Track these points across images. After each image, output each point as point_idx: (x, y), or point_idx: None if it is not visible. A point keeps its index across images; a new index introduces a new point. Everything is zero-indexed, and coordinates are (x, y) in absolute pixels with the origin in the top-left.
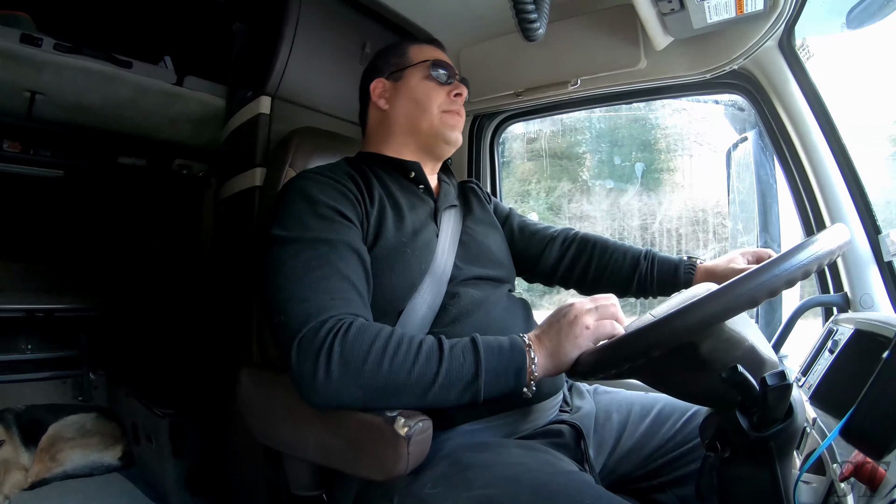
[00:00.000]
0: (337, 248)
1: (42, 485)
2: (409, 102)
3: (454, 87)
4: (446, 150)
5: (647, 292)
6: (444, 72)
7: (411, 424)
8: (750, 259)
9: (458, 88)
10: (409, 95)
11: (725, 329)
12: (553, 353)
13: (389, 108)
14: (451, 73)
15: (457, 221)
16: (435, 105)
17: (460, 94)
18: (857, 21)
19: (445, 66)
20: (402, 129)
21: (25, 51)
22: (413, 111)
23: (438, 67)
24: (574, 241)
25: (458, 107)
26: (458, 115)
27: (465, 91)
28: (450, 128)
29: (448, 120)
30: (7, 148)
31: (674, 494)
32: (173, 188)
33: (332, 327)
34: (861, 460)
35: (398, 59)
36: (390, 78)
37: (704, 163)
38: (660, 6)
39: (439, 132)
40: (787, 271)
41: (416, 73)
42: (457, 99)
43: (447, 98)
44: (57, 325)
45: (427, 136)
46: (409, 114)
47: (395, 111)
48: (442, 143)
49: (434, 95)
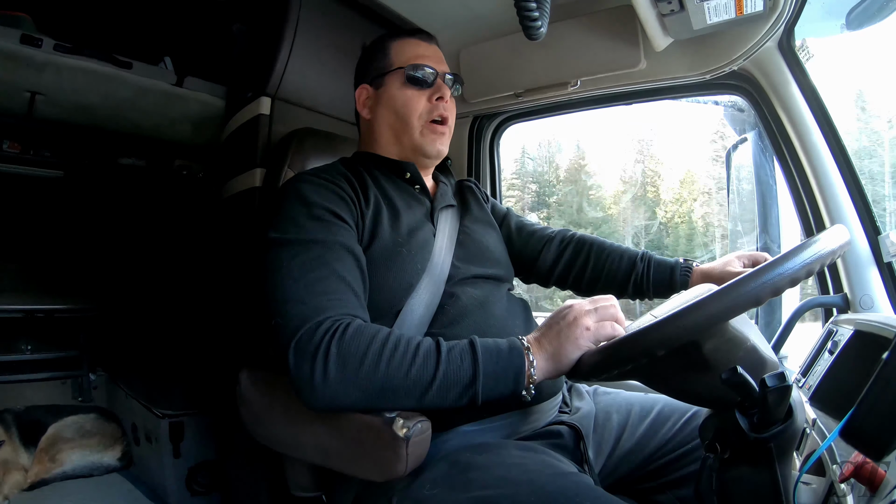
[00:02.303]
0: (333, 249)
1: (42, 485)
2: (389, 113)
3: (435, 90)
4: (430, 163)
5: (643, 294)
6: (429, 70)
7: (410, 426)
8: (746, 262)
9: (439, 91)
10: (390, 105)
11: (729, 328)
12: (553, 356)
13: (372, 118)
14: (432, 73)
15: (454, 221)
16: (415, 117)
17: (442, 97)
18: (857, 22)
19: (424, 66)
20: (385, 139)
21: (25, 51)
22: (394, 123)
23: (416, 70)
24: (571, 243)
25: (441, 111)
26: (442, 123)
27: (446, 92)
28: (430, 142)
29: (429, 134)
30: (7, 148)
31: (673, 495)
32: (173, 188)
33: (328, 328)
34: (861, 461)
35: (380, 61)
36: (373, 84)
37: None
38: (660, 7)
39: (419, 147)
40: (792, 270)
41: (394, 79)
42: (438, 103)
43: (428, 105)
44: (57, 325)
45: (410, 149)
46: (390, 125)
47: (378, 121)
48: (422, 157)
49: (414, 105)
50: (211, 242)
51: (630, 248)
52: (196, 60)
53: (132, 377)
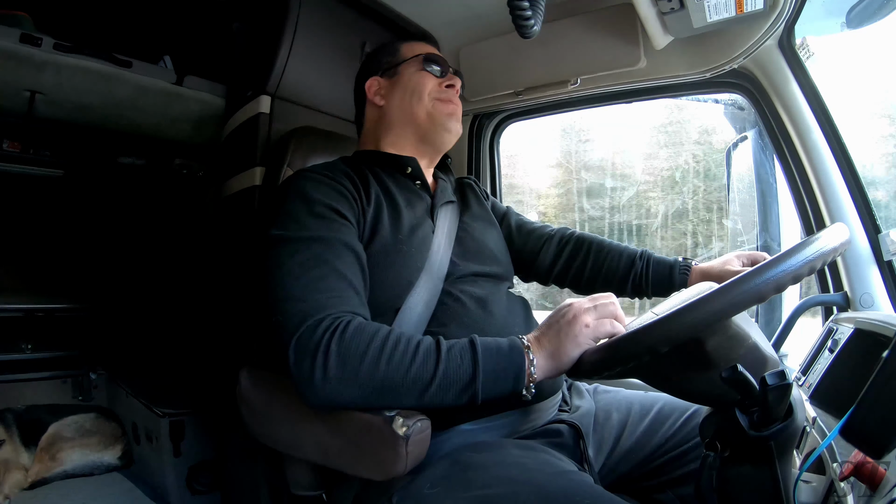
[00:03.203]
0: (334, 246)
1: (42, 484)
2: (403, 93)
3: (447, 79)
4: (446, 139)
5: (641, 293)
6: (437, 67)
7: (410, 424)
8: (745, 261)
9: (451, 80)
10: (405, 87)
11: (732, 325)
12: (553, 354)
13: (385, 104)
14: (444, 67)
15: (453, 217)
16: (426, 92)
17: (452, 85)
18: (857, 20)
19: (438, 61)
20: (399, 121)
21: (25, 50)
22: (408, 101)
23: (431, 62)
24: (570, 241)
25: (452, 96)
26: (453, 103)
27: (457, 83)
28: (446, 116)
29: (442, 108)
30: (7, 148)
31: (673, 494)
32: (173, 188)
33: (329, 326)
34: (861, 460)
35: (391, 56)
36: (384, 75)
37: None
38: (659, 5)
39: (436, 119)
40: (794, 266)
41: (409, 67)
42: (449, 90)
43: (439, 87)
44: (57, 325)
45: (425, 126)
46: (403, 105)
47: (391, 105)
48: (441, 130)
49: (426, 83)
50: (211, 241)
51: (629, 246)
52: (196, 59)
53: (132, 376)
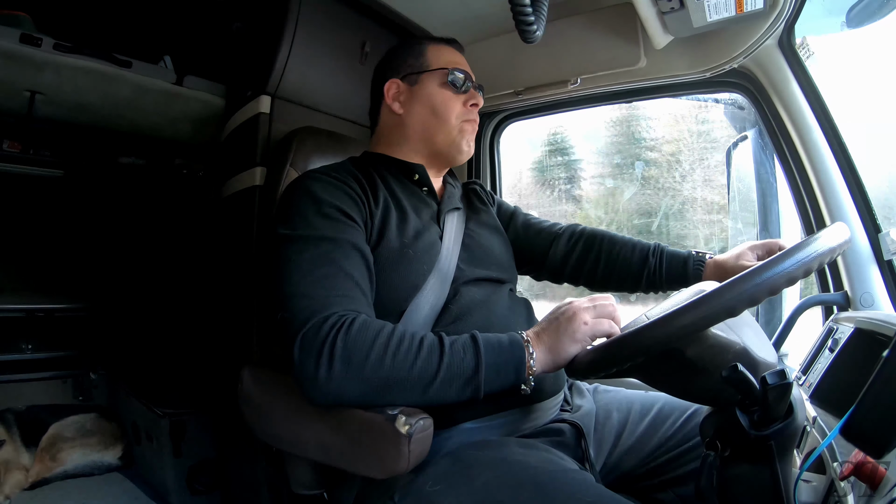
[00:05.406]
0: (341, 246)
1: (42, 484)
2: (425, 110)
3: (470, 97)
4: (460, 159)
5: (657, 287)
6: (462, 81)
7: (412, 422)
8: (759, 252)
9: (475, 98)
10: (426, 102)
11: (710, 336)
12: (551, 349)
13: (404, 113)
14: (469, 78)
15: (460, 224)
16: (453, 116)
17: (476, 104)
18: (857, 20)
19: (463, 72)
20: (417, 136)
21: (25, 51)
22: (430, 121)
23: (457, 74)
24: (581, 237)
25: (475, 115)
26: (474, 122)
27: (480, 101)
28: (467, 141)
29: (467, 130)
30: (7, 148)
31: (674, 493)
32: (173, 187)
33: (334, 323)
34: (861, 459)
35: (415, 59)
36: (406, 80)
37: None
38: (660, 5)
39: (455, 143)
40: (791, 268)
41: (433, 78)
42: (472, 109)
43: (464, 108)
44: (57, 325)
45: (442, 147)
46: (425, 122)
47: (411, 117)
48: (456, 153)
49: (452, 106)
50: (211, 241)
51: (641, 240)
52: (196, 59)
53: (133, 376)
